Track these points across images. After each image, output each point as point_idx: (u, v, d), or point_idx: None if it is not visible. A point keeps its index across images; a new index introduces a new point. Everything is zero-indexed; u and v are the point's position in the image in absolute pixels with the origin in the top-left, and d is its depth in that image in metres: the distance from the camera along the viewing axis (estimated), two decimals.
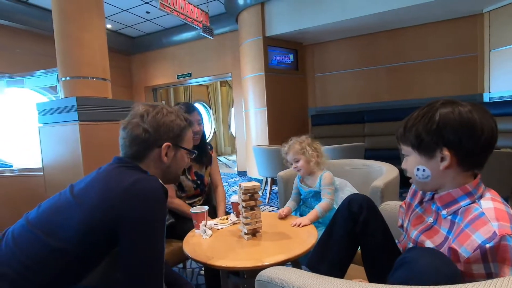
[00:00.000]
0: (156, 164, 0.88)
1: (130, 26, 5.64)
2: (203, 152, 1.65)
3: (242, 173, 5.62)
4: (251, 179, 4.86)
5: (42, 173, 2.38)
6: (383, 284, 0.48)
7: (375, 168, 1.72)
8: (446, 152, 0.70)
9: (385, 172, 1.56)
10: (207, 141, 1.76)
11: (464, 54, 3.97)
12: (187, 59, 5.93)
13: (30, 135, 3.12)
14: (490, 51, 3.78)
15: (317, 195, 1.44)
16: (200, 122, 1.58)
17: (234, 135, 6.20)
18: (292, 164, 1.48)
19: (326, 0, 3.93)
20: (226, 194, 1.75)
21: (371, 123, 4.40)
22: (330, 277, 0.53)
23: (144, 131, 0.85)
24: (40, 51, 4.71)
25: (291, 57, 4.78)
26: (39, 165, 2.44)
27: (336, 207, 1.42)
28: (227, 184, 4.89)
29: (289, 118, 4.77)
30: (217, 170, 1.76)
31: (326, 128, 4.66)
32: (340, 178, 1.58)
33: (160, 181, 0.78)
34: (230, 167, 6.91)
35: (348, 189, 1.49)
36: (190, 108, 1.57)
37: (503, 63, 3.65)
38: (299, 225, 1.26)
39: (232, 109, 8.73)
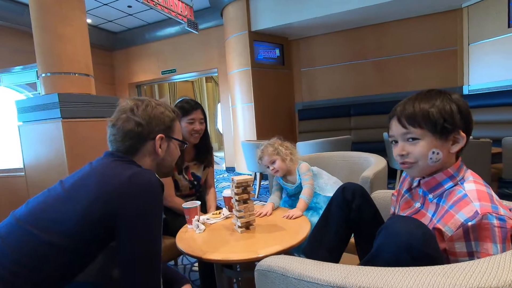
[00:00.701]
0: (150, 157, 0.88)
1: (111, 21, 5.48)
2: (204, 153, 1.63)
3: (230, 169, 5.61)
4: (240, 175, 4.86)
5: (23, 173, 2.30)
6: (377, 267, 0.50)
7: (364, 160, 1.75)
8: (462, 134, 0.73)
9: (374, 163, 1.59)
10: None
11: (444, 48, 4.09)
12: (171, 54, 5.82)
13: (7, 134, 3.00)
14: (469, 45, 3.92)
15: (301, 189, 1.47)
16: (202, 120, 1.54)
17: (221, 132, 6.16)
18: (268, 167, 1.50)
19: None
20: (215, 190, 1.75)
21: (357, 117, 4.48)
22: (328, 263, 0.55)
23: (136, 124, 0.84)
24: (17, 47, 4.51)
25: (277, 52, 4.79)
26: (19, 165, 2.35)
27: (318, 191, 1.45)
28: (215, 180, 4.86)
29: (276, 113, 4.78)
30: (213, 172, 1.75)
31: (313, 122, 4.71)
32: (329, 170, 1.61)
33: (156, 175, 0.77)
34: (218, 164, 6.88)
35: (324, 175, 1.51)
36: (195, 105, 1.53)
37: (482, 57, 3.79)
38: (291, 217, 1.27)
39: (219, 105, 8.67)
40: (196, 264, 1.94)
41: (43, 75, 2.17)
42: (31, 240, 0.68)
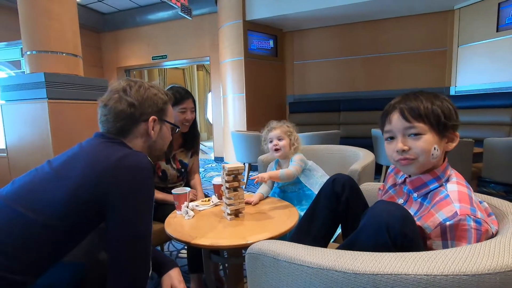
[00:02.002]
0: (141, 139, 0.87)
1: (100, 1, 5.29)
2: (191, 140, 1.63)
3: (219, 159, 5.60)
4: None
5: (5, 154, 2.23)
6: (369, 252, 0.52)
7: (352, 153, 1.79)
8: (456, 133, 0.77)
9: (362, 157, 1.62)
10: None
11: (435, 48, 4.17)
12: (163, 40, 5.69)
13: None
14: (458, 46, 4.00)
15: (295, 181, 1.47)
16: (193, 109, 1.53)
17: (211, 122, 6.10)
18: (272, 141, 1.49)
19: None
20: (204, 179, 1.75)
21: (347, 112, 4.53)
22: (318, 247, 0.56)
23: (129, 105, 0.82)
24: (1, 23, 4.29)
25: (271, 43, 4.75)
26: (1, 146, 2.27)
27: (308, 186, 1.46)
28: (203, 169, 4.85)
29: (267, 104, 4.78)
30: (198, 159, 1.76)
31: (303, 116, 4.74)
32: (318, 162, 1.63)
33: (148, 158, 0.77)
34: (207, 153, 6.85)
35: (320, 171, 1.53)
36: (186, 94, 1.51)
37: (469, 59, 3.88)
38: (259, 179, 1.28)
39: (209, 95, 8.57)
40: (183, 251, 1.95)
41: (28, 52, 2.08)
42: (18, 219, 0.67)
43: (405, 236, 0.61)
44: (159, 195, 1.48)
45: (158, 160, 1.00)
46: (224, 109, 4.87)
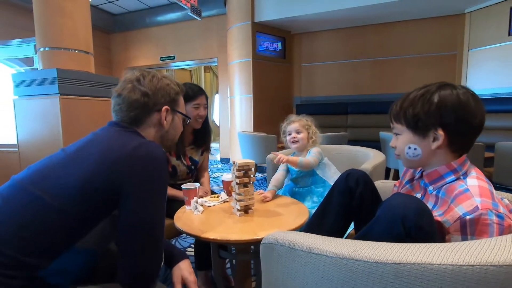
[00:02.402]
0: (154, 128, 0.87)
1: (111, 2, 5.36)
2: (203, 137, 1.64)
3: (224, 160, 5.60)
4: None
5: (16, 149, 2.25)
6: (385, 242, 0.50)
7: (362, 153, 1.77)
8: (440, 132, 0.73)
9: (372, 157, 1.61)
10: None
11: (444, 52, 4.13)
12: (171, 41, 5.74)
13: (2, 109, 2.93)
14: (469, 50, 3.96)
15: (310, 173, 1.48)
16: (206, 106, 1.55)
17: (217, 124, 6.12)
18: (290, 134, 1.53)
19: None
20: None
21: (354, 115, 4.51)
22: (335, 238, 0.55)
23: (143, 94, 0.83)
24: (14, 22, 4.38)
25: (279, 45, 4.76)
26: (13, 141, 2.30)
27: (324, 178, 1.47)
28: (209, 170, 4.86)
29: (274, 106, 4.78)
30: (207, 157, 1.77)
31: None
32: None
33: (162, 148, 0.77)
34: (212, 154, 6.86)
35: (333, 168, 1.53)
36: (199, 91, 1.53)
37: (480, 63, 3.84)
38: (279, 158, 1.31)
39: (216, 96, 8.60)
40: (189, 249, 1.95)
41: (42, 49, 2.11)
42: (34, 202, 0.67)
43: (421, 228, 0.59)
44: (169, 191, 1.48)
45: (169, 151, 1.01)
46: (231, 110, 4.88)
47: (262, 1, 4.29)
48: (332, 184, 1.45)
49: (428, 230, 0.60)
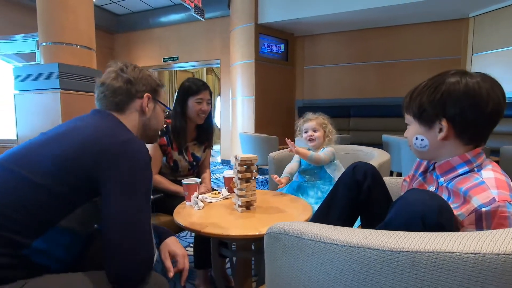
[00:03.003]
0: (137, 114, 0.91)
1: (114, 2, 5.38)
2: (206, 133, 1.62)
3: (225, 162, 5.57)
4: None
5: (16, 145, 2.23)
6: (394, 231, 0.47)
7: (366, 153, 1.74)
8: (444, 123, 0.70)
9: (377, 156, 1.58)
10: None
11: (448, 56, 4.11)
12: (174, 42, 5.75)
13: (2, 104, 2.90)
14: (472, 55, 3.94)
15: (319, 167, 1.47)
16: (209, 101, 1.53)
17: (218, 126, 6.10)
18: (307, 132, 1.55)
19: None
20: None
21: (357, 118, 4.48)
22: (342, 227, 0.52)
23: (126, 81, 0.88)
24: (15, 19, 4.39)
25: (282, 47, 4.75)
26: (12, 136, 2.28)
27: (333, 177, 1.47)
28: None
29: (276, 108, 4.76)
30: (210, 155, 1.75)
31: None
32: None
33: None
34: (213, 156, 6.83)
35: (342, 171, 1.50)
36: (203, 86, 1.52)
37: (484, 68, 3.81)
38: (291, 146, 1.38)
39: (217, 99, 8.60)
40: (188, 249, 1.91)
41: (44, 44, 2.10)
42: (13, 178, 0.67)
43: (442, 227, 0.55)
44: (171, 186, 1.45)
45: (151, 142, 1.02)
46: (233, 111, 4.86)
47: (266, 3, 4.29)
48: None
49: (449, 229, 0.57)
